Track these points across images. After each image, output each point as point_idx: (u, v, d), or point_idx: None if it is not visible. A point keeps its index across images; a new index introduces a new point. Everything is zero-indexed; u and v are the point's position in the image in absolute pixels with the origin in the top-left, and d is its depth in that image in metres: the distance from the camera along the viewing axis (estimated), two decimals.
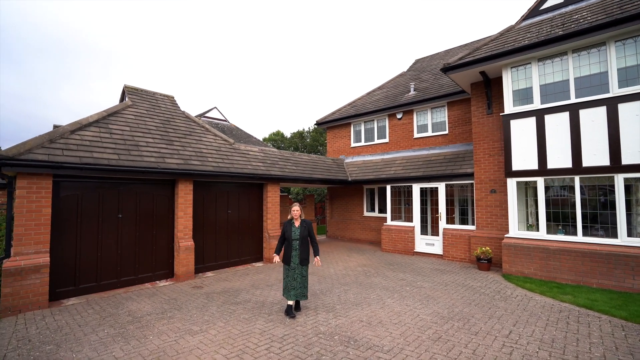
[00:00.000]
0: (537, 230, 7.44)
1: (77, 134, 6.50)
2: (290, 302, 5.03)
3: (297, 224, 5.23)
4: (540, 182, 7.33)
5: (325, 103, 71.35)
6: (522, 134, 7.63)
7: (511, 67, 7.86)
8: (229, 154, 8.97)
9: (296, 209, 5.23)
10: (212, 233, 8.41)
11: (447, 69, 8.59)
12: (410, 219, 10.90)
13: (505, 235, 7.76)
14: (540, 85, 7.44)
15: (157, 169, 6.84)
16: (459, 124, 10.96)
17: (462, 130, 10.89)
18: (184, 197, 7.59)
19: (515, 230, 7.66)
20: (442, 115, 11.43)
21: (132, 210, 7.01)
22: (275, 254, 5.24)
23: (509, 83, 7.89)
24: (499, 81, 8.70)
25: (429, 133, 11.69)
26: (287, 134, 35.41)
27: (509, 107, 7.88)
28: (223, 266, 8.55)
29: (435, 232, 10.48)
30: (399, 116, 12.46)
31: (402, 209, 11.41)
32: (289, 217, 5.34)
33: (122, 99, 10.14)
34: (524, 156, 7.60)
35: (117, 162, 6.35)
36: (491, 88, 8.85)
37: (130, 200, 6.99)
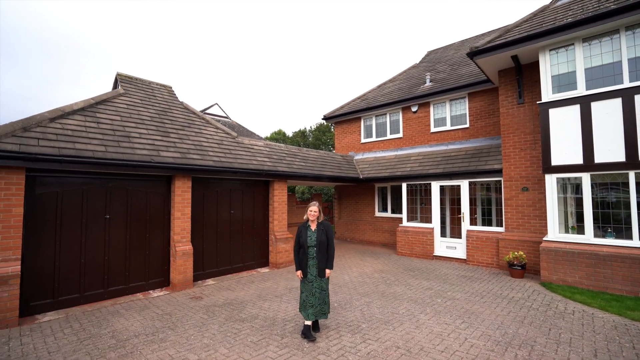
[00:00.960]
0: (582, 232, 6.55)
1: (58, 122, 5.63)
2: (308, 322, 4.16)
3: (313, 227, 4.35)
4: (585, 178, 6.45)
5: (327, 102, 70.42)
6: (563, 124, 6.75)
7: (550, 50, 6.98)
8: (232, 148, 8.11)
9: (314, 209, 4.35)
10: (213, 236, 7.53)
11: (474, 53, 7.71)
12: (427, 220, 10.02)
13: (544, 239, 6.87)
14: (585, 69, 6.56)
15: (150, 163, 5.98)
16: (482, 116, 10.07)
17: (485, 124, 10.00)
18: (182, 196, 6.72)
19: (556, 233, 6.78)
20: (462, 108, 10.55)
21: (122, 210, 6.15)
22: (298, 270, 4.31)
23: (547, 68, 7.01)
24: (531, 67, 7.82)
25: (448, 127, 10.81)
26: (289, 133, 34.60)
27: (547, 95, 6.99)
28: (225, 272, 7.68)
29: (455, 234, 9.60)
30: (414, 109, 11.57)
31: (418, 209, 10.54)
32: (304, 217, 4.47)
33: (115, 88, 9.28)
34: (565, 149, 6.72)
35: (104, 155, 5.49)
36: (522, 75, 7.97)
37: (119, 199, 6.13)
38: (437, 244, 9.53)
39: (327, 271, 4.26)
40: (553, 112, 6.89)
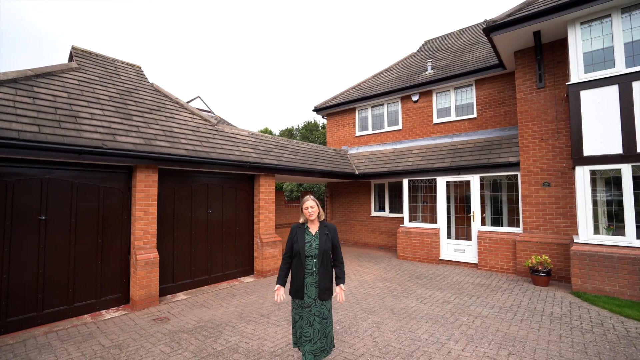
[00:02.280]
0: (621, 234, 5.63)
1: None
2: None
3: (313, 229, 3.17)
4: (626, 170, 5.54)
5: (314, 100, 69.23)
6: (598, 108, 5.83)
7: (581, 23, 6.04)
8: (210, 137, 6.86)
9: (311, 204, 3.14)
10: (186, 240, 6.26)
11: (492, 29, 6.73)
12: (432, 220, 9.02)
13: (575, 241, 5.93)
14: (625, 44, 5.65)
15: (101, 150, 4.68)
16: (491, 105, 9.14)
17: (494, 113, 9.07)
18: (145, 191, 5.44)
19: (589, 234, 5.84)
20: (469, 96, 9.59)
21: (65, 210, 4.82)
22: (278, 286, 3.14)
23: (578, 44, 6.07)
24: (553, 46, 6.91)
25: (453, 117, 9.84)
26: (276, 131, 33.31)
27: (577, 75, 6.06)
28: (201, 284, 6.42)
29: (462, 235, 8.64)
30: (414, 98, 10.56)
31: (420, 208, 9.54)
32: (300, 220, 3.27)
33: None
34: (600, 137, 5.79)
35: (35, 137, 4.18)
36: (543, 55, 7.05)
37: (61, 195, 4.80)
38: (443, 247, 8.53)
39: (339, 289, 3.11)
40: (585, 95, 5.96)
